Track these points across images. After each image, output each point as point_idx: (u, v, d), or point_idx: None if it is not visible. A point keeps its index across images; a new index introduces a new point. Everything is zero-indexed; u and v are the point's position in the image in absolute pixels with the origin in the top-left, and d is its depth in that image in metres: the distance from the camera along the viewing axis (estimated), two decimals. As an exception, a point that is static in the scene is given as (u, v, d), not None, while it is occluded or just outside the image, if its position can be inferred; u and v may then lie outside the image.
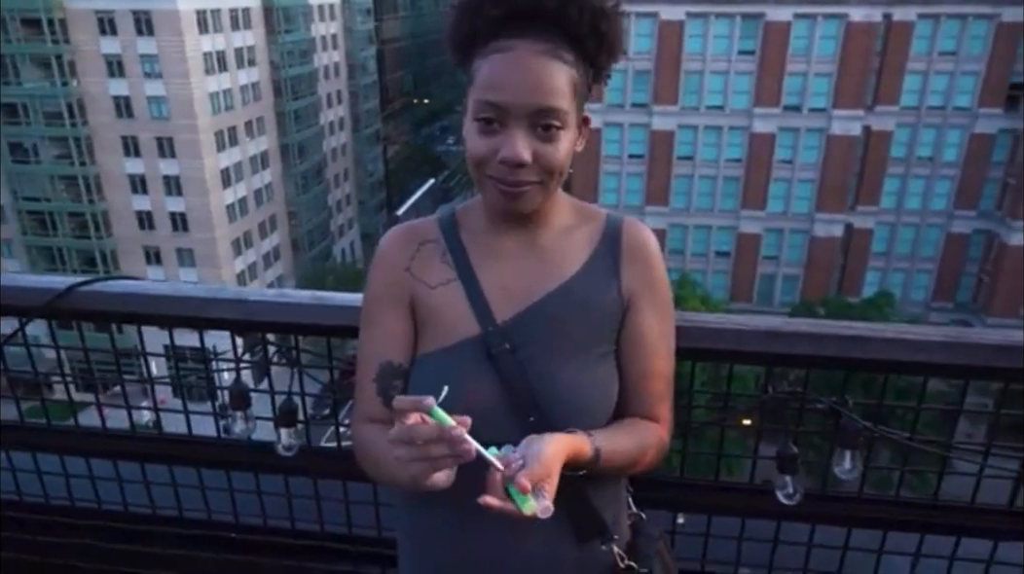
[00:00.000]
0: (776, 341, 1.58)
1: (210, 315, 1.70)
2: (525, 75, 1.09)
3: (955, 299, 36.36)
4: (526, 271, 1.24)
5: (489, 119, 1.10)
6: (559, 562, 1.26)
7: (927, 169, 34.78)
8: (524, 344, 1.21)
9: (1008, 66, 32.75)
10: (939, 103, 33.78)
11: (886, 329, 1.56)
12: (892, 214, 35.65)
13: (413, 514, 1.34)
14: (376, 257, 1.30)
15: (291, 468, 1.88)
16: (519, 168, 1.11)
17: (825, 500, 1.73)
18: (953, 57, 32.91)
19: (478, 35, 1.12)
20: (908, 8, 32.19)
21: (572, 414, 1.19)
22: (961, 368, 1.54)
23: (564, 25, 1.10)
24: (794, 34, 32.68)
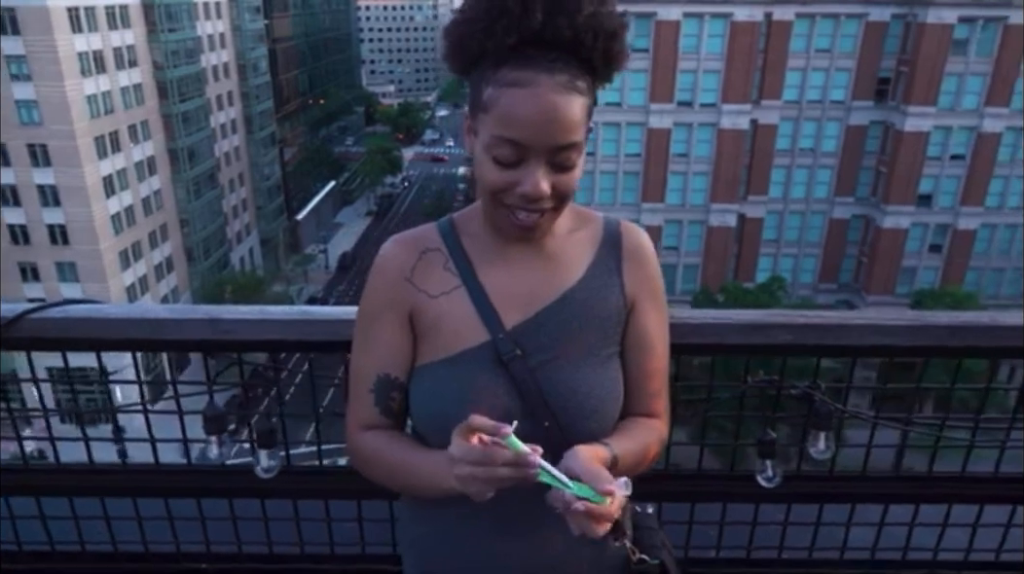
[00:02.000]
0: (756, 333, 1.65)
1: (183, 337, 1.61)
2: (546, 114, 1.07)
3: (839, 280, 38.94)
4: (531, 277, 1.25)
5: (507, 157, 1.10)
6: (576, 562, 1.29)
7: (809, 159, 37.06)
8: (534, 350, 1.22)
9: (877, 62, 35.35)
10: (817, 97, 36.05)
11: (856, 316, 1.67)
12: (780, 203, 37.77)
13: (428, 523, 1.33)
14: (376, 266, 1.27)
15: (270, 491, 1.80)
16: (539, 200, 1.12)
17: (799, 480, 1.83)
18: (828, 54, 35.18)
19: (488, 56, 1.11)
20: (787, 8, 34.15)
21: (585, 416, 1.22)
22: (920, 349, 1.67)
23: (577, 51, 1.09)
24: (684, 32, 33.96)
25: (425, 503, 1.32)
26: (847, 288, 38.34)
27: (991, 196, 35.94)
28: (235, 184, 50.58)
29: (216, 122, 47.30)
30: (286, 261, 51.40)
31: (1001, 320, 1.66)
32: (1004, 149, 35.12)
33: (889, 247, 36.52)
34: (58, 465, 1.83)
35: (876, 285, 36.84)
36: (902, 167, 35.23)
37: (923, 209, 36.17)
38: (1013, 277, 37.18)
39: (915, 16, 33.92)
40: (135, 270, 38.96)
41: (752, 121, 35.53)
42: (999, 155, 35.20)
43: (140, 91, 39.92)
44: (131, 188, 38.93)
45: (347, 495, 1.84)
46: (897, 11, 34.45)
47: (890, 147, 35.82)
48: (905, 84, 34.68)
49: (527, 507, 1.22)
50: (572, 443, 1.21)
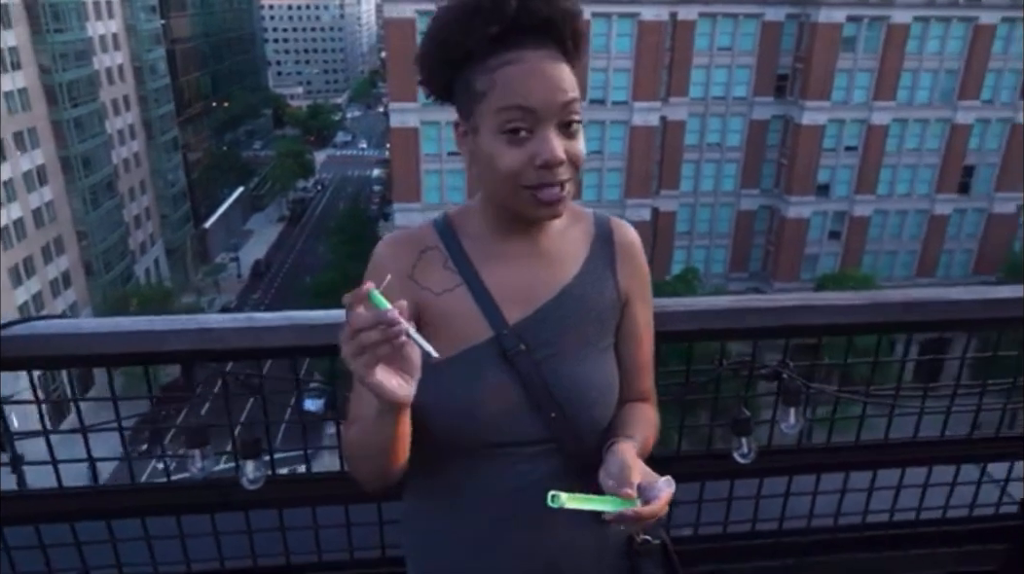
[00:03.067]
0: (731, 318, 1.74)
1: (169, 348, 1.56)
2: (546, 77, 1.12)
3: (748, 269, 40.66)
4: (530, 274, 1.28)
5: (517, 128, 1.12)
6: (581, 549, 1.32)
7: (717, 154, 38.52)
8: (537, 344, 1.25)
9: (775, 59, 37.09)
10: (721, 94, 37.51)
11: (820, 298, 1.78)
12: (691, 196, 39.10)
13: (430, 523, 1.34)
14: (375, 266, 1.26)
15: (254, 502, 1.76)
16: (558, 167, 1.14)
17: (771, 454, 1.93)
18: (730, 52, 36.65)
19: (474, 54, 1.13)
20: (690, 7, 35.38)
21: (589, 406, 1.26)
22: (879, 325, 1.81)
23: (551, 32, 1.14)
24: (594, 31, 34.61)
25: (427, 502, 1.33)
26: (756, 276, 40.07)
27: (882, 184, 38.38)
28: (136, 192, 48.13)
29: (113, 127, 44.85)
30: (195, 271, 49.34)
31: (947, 295, 1.81)
32: (892, 140, 37.58)
33: (793, 235, 38.43)
34: (22, 491, 1.73)
35: (783, 272, 38.69)
36: (801, 159, 37.15)
37: (822, 198, 38.26)
38: (904, 259, 39.90)
39: (807, 16, 35.78)
40: (28, 287, 36.49)
41: (662, 118, 36.63)
42: (887, 145, 37.63)
43: (26, 96, 37.37)
44: (20, 200, 36.43)
45: (335, 501, 1.82)
46: (791, 11, 36.25)
47: (790, 140, 37.68)
48: (801, 80, 36.57)
49: (527, 497, 1.25)
50: (578, 432, 1.26)
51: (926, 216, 39.14)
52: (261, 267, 50.65)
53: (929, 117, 37.36)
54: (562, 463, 1.27)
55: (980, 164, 38.55)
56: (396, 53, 35.43)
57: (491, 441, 1.23)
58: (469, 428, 1.19)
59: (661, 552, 1.38)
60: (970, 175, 38.70)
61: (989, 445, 2.01)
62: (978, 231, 39.75)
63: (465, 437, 1.20)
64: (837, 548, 2.09)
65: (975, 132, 37.74)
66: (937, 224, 39.21)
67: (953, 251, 40.08)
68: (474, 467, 1.25)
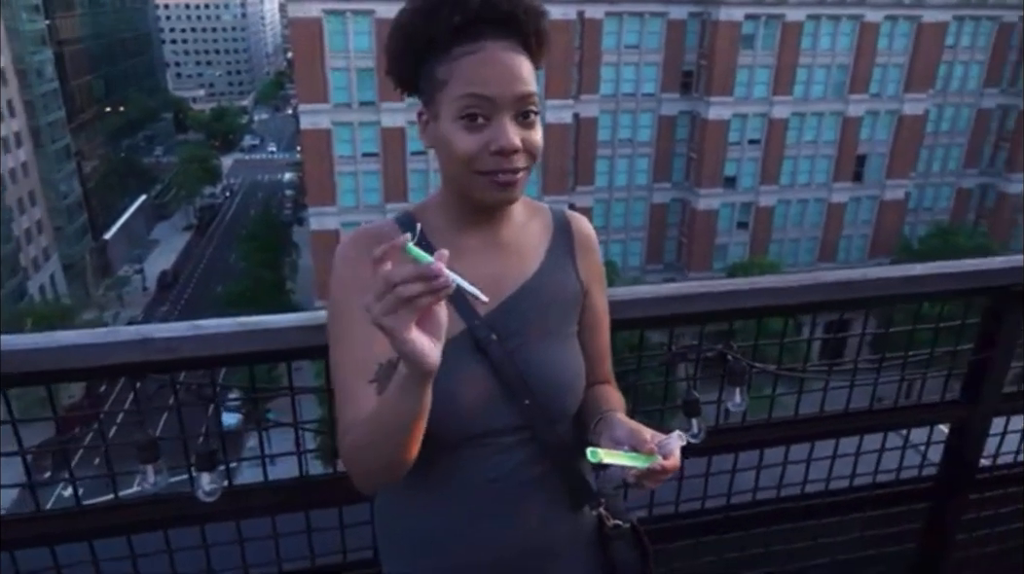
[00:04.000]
0: (680, 303, 1.81)
1: (110, 362, 1.49)
2: (504, 68, 1.15)
3: (664, 260, 41.89)
4: (494, 266, 1.30)
5: (474, 115, 1.14)
6: (554, 535, 1.35)
7: (629, 149, 39.50)
8: (507, 334, 1.27)
9: (680, 57, 38.35)
10: (631, 91, 38.51)
11: (761, 281, 1.88)
12: (606, 191, 39.95)
13: (405, 518, 1.34)
14: (342, 262, 1.25)
15: (211, 515, 1.71)
16: (513, 155, 1.16)
17: (718, 433, 2.02)
18: (637, 50, 37.65)
19: (436, 43, 1.16)
20: (597, 6, 36.12)
21: (560, 392, 1.30)
22: (815, 304, 1.92)
23: (513, 26, 1.17)
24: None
25: (403, 497, 1.33)
26: (671, 267, 41.33)
27: (784, 175, 40.31)
28: (26, 204, 45.10)
29: (-5, 136, 41.90)
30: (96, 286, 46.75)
31: (872, 274, 1.94)
32: (791, 132, 39.54)
33: (704, 227, 39.87)
34: (-47, 523, 1.62)
35: (696, 262, 40.07)
36: (709, 153, 38.57)
37: (730, 190, 39.84)
38: (807, 246, 42.06)
39: (709, 14, 37.15)
40: (-93, 311, 33.72)
41: (575, 115, 37.25)
42: (787, 138, 39.56)
43: None
44: None
45: (295, 508, 1.79)
46: (693, 9, 37.56)
47: (697, 135, 39.06)
48: (706, 77, 37.95)
49: (503, 487, 1.28)
50: (551, 417, 1.29)
51: (825, 204, 41.37)
52: (168, 278, 48.49)
53: (824, 110, 39.51)
54: (536, 451, 1.29)
55: (871, 154, 41.06)
56: (303, 53, 34.57)
57: (468, 432, 1.25)
58: (447, 421, 1.20)
59: (631, 534, 1.43)
60: (863, 164, 41.18)
61: (912, 413, 2.16)
62: (872, 217, 42.34)
63: (443, 430, 1.20)
64: (781, 518, 2.20)
65: (866, 123, 40.19)
66: (835, 211, 41.53)
67: (851, 236, 42.55)
68: (451, 459, 1.26)
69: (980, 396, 2.15)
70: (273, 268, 41.41)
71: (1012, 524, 2.45)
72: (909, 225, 43.06)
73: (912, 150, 41.36)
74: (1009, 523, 2.45)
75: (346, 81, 34.72)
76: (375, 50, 34.21)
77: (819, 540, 2.27)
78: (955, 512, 2.34)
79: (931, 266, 2.01)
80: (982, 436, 2.22)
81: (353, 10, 33.74)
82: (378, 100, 35.07)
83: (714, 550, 2.18)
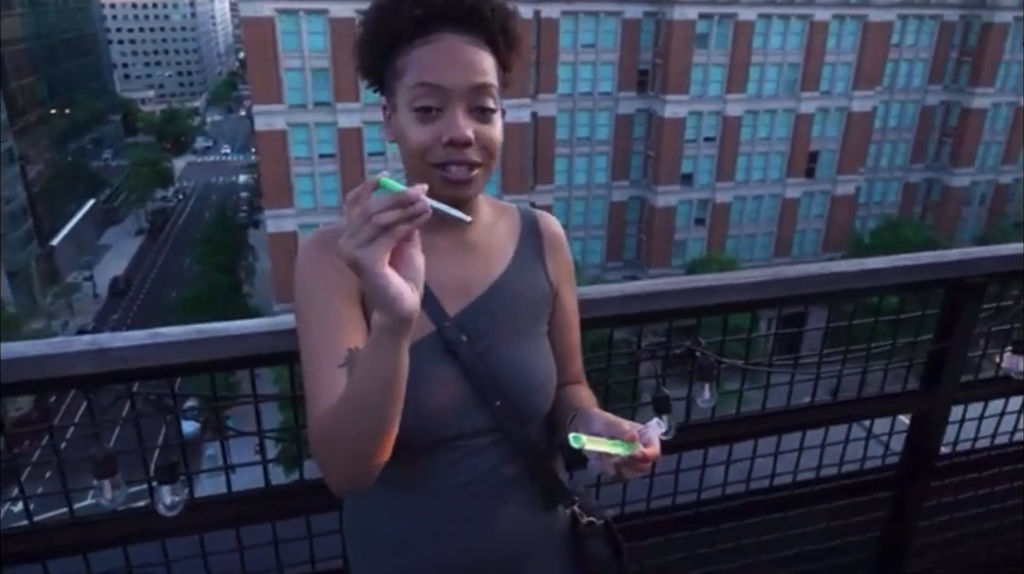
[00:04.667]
0: (648, 301, 1.81)
1: (65, 374, 1.43)
2: (459, 58, 1.14)
3: (623, 258, 42.25)
4: (463, 267, 1.29)
5: (428, 106, 1.13)
6: (528, 535, 1.34)
7: (587, 148, 39.74)
8: (477, 335, 1.26)
9: (636, 56, 38.72)
10: (588, 89, 38.74)
11: (724, 278, 1.89)
12: (565, 190, 40.13)
13: (377, 520, 1.32)
14: (307, 260, 1.19)
15: (173, 529, 1.65)
16: (465, 148, 1.14)
17: (688, 430, 2.03)
18: (593, 49, 37.89)
19: (399, 37, 1.14)
20: (553, 6, 36.25)
21: (531, 393, 1.29)
22: (776, 299, 1.94)
23: (478, 23, 1.16)
24: (460, 30, 34.72)
25: (374, 502, 1.30)
26: (631, 264, 41.71)
27: (739, 171, 41.01)
28: (-34, 210, 43.48)
29: (-67, 140, 40.25)
30: (44, 294, 45.21)
31: (832, 268, 1.97)
32: (745, 129, 40.24)
33: (662, 224, 40.32)
34: None
35: (655, 259, 40.50)
36: (666, 150, 39.01)
37: (687, 187, 40.36)
38: (763, 241, 42.86)
39: (663, 14, 37.59)
40: None
41: (532, 114, 37.31)
42: (742, 135, 40.24)
43: None
44: None
45: (260, 519, 1.74)
46: (648, 9, 37.95)
47: (654, 133, 39.48)
48: (661, 75, 38.39)
49: (476, 490, 1.26)
50: (522, 418, 1.28)
51: (779, 200, 42.21)
52: (120, 284, 47.15)
53: (777, 108, 40.31)
54: (509, 452, 1.28)
55: (823, 150, 42.03)
56: (256, 54, 33.96)
57: (440, 436, 1.23)
58: (418, 424, 1.17)
59: (605, 531, 1.42)
60: (815, 160, 42.12)
61: (875, 404, 2.20)
62: (824, 211, 43.34)
63: (414, 434, 1.17)
64: (750, 512, 2.22)
65: (817, 120, 41.11)
66: (789, 207, 42.40)
67: (805, 231, 43.50)
68: (423, 463, 1.24)
69: (939, 385, 2.20)
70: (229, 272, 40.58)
71: (970, 510, 2.52)
72: (860, 219, 44.21)
73: (861, 146, 42.46)
74: (967, 509, 2.52)
75: (301, 81, 34.22)
76: (330, 50, 33.82)
77: (788, 532, 2.30)
78: (916, 499, 2.39)
79: (890, 259, 2.05)
80: (941, 424, 2.27)
81: (307, 9, 33.27)
82: (334, 100, 34.65)
83: (685, 546, 2.20)
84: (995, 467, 2.47)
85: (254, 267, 44.97)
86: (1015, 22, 41.90)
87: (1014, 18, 41.71)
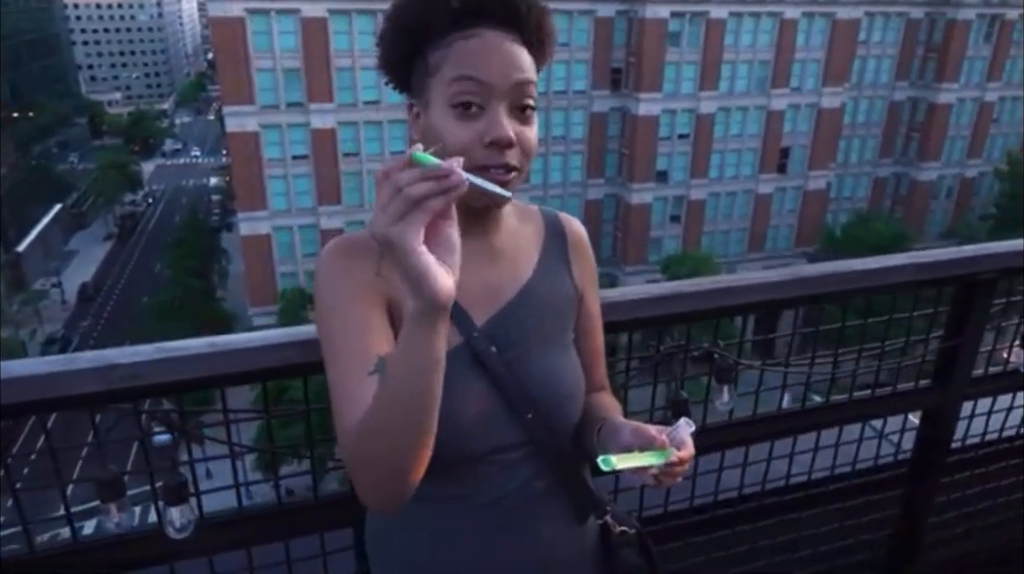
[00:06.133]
0: (668, 303, 1.77)
1: (70, 393, 1.35)
2: (502, 54, 1.09)
3: (600, 256, 42.30)
4: (489, 273, 1.24)
5: (468, 103, 1.08)
6: (561, 545, 1.30)
7: (562, 146, 39.83)
8: (506, 344, 1.22)
9: (609, 54, 38.89)
10: (562, 88, 38.83)
11: (742, 278, 1.86)
12: (541, 189, 40.17)
13: (407, 531, 1.27)
14: (327, 269, 1.13)
15: (182, 552, 1.58)
16: (507, 150, 1.09)
17: (705, 433, 1.99)
18: (567, 48, 37.93)
19: (432, 30, 1.09)
20: (526, 5, 36.23)
21: (562, 402, 1.25)
22: (796, 299, 1.91)
23: (516, 20, 1.12)
24: (434, 29, 34.59)
25: (401, 521, 1.25)
26: (608, 262, 41.88)
27: (712, 168, 41.39)
28: (-72, 217, 42.36)
29: None
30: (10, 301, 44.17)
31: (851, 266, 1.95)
32: (718, 127, 40.62)
33: (638, 221, 40.55)
34: None
35: (631, 257, 40.72)
36: (640, 148, 39.23)
37: (662, 184, 40.64)
38: (737, 237, 43.30)
39: (635, 12, 37.79)
40: None
41: (508, 113, 37.27)
42: (715, 132, 40.61)
43: None
44: None
45: (273, 538, 1.67)
46: (620, 7, 38.14)
47: (628, 131, 39.70)
48: (635, 74, 38.60)
49: (509, 505, 1.22)
50: (553, 429, 1.24)
51: (752, 196, 42.67)
52: (89, 290, 46.28)
53: (748, 105, 40.74)
54: (540, 465, 1.24)
55: (794, 146, 42.57)
56: (226, 54, 33.50)
57: (472, 452, 1.18)
58: (449, 439, 1.12)
59: (637, 541, 1.39)
60: (787, 156, 42.65)
61: (889, 402, 2.19)
62: (797, 207, 43.91)
63: (445, 449, 1.12)
64: (766, 514, 2.20)
65: (788, 117, 41.63)
66: (762, 203, 42.88)
67: (778, 226, 44.03)
68: (453, 479, 1.19)
69: (951, 381, 2.19)
70: (202, 276, 39.98)
71: (978, 505, 2.52)
72: (831, 214, 44.85)
73: (831, 142, 43.07)
74: (975, 504, 2.52)
75: (272, 82, 33.84)
76: (302, 50, 33.48)
77: (801, 533, 2.28)
78: (928, 495, 2.38)
79: (905, 257, 2.04)
80: (953, 420, 2.27)
81: (278, 9, 32.90)
82: (307, 101, 34.32)
83: (702, 550, 2.16)
84: (1003, 461, 2.47)
85: (227, 271, 44.40)
86: (978, 19, 42.83)
87: (977, 15, 42.63)
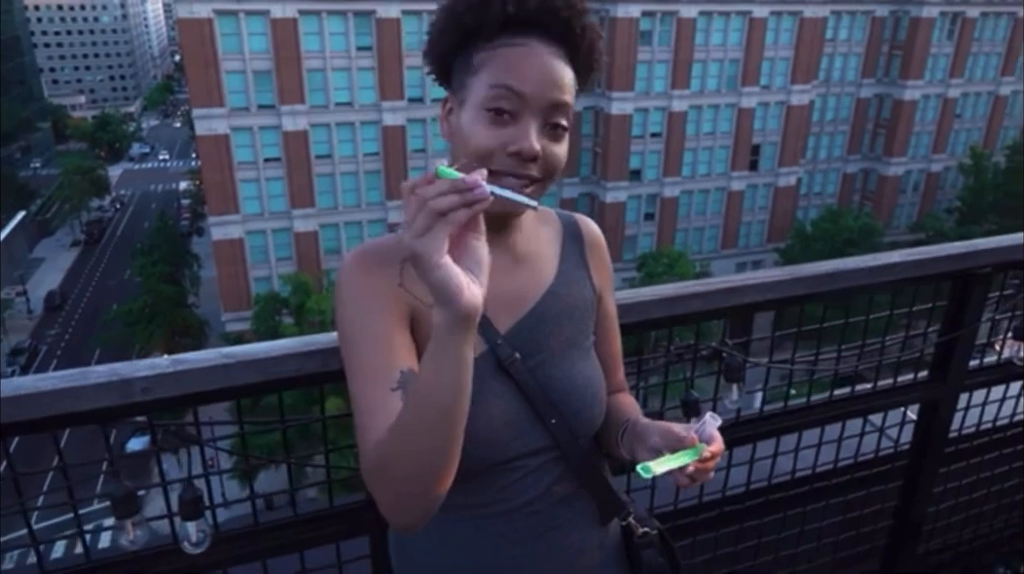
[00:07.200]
0: (676, 304, 1.78)
1: (83, 408, 1.32)
2: (545, 69, 1.09)
3: (576, 254, 42.52)
4: (511, 279, 1.24)
5: (502, 109, 1.07)
6: (587, 549, 1.30)
7: (536, 146, 39.83)
8: (530, 351, 1.22)
9: (581, 54, 38.96)
10: (536, 88, 38.83)
11: (747, 278, 1.87)
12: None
13: (436, 547, 1.26)
14: (348, 279, 1.12)
15: (197, 567, 1.55)
16: (531, 162, 1.09)
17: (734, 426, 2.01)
18: (539, 47, 38.02)
19: (482, 30, 1.08)
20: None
21: (586, 406, 1.26)
22: (801, 297, 1.93)
23: (567, 38, 1.11)
24: (405, 29, 34.45)
25: (426, 529, 1.24)
26: (583, 260, 42.00)
27: (685, 166, 41.76)
28: None
29: None
30: (-27, 311, 43.12)
31: (853, 264, 1.98)
32: (690, 125, 41.01)
33: (613, 219, 40.74)
34: None
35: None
36: (614, 147, 39.46)
37: (635, 183, 40.91)
38: (710, 234, 43.74)
39: (607, 11, 37.97)
40: None
41: (481, 113, 37.24)
42: (687, 130, 40.97)
43: None
44: None
45: (289, 549, 1.65)
46: (592, 6, 38.03)
47: (602, 130, 39.88)
48: (607, 72, 38.76)
49: (534, 510, 1.22)
50: (577, 434, 1.24)
51: (725, 193, 43.13)
52: (56, 299, 45.28)
53: (719, 103, 41.17)
54: (564, 470, 1.24)
55: (765, 143, 43.11)
56: (194, 56, 32.98)
57: (498, 458, 1.18)
58: (475, 447, 1.11)
59: (660, 541, 1.39)
60: (757, 153, 43.19)
61: (890, 395, 2.22)
62: (768, 203, 44.47)
63: (470, 457, 1.12)
64: (770, 509, 2.22)
65: (758, 115, 42.14)
66: (734, 200, 43.36)
67: (751, 223, 44.55)
68: (478, 487, 1.19)
69: (949, 374, 2.24)
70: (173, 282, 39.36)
71: (974, 493, 2.58)
72: (802, 209, 45.50)
73: (801, 138, 43.69)
74: (971, 492, 2.57)
75: (243, 84, 33.41)
76: (272, 51, 33.10)
77: (806, 526, 2.31)
78: (927, 486, 2.43)
79: (903, 253, 2.07)
80: (952, 411, 2.31)
81: (247, 10, 32.49)
82: (278, 103, 33.94)
83: (711, 546, 2.18)
84: (997, 450, 2.53)
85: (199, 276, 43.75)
86: (941, 16, 43.72)
87: (940, 12, 43.52)
